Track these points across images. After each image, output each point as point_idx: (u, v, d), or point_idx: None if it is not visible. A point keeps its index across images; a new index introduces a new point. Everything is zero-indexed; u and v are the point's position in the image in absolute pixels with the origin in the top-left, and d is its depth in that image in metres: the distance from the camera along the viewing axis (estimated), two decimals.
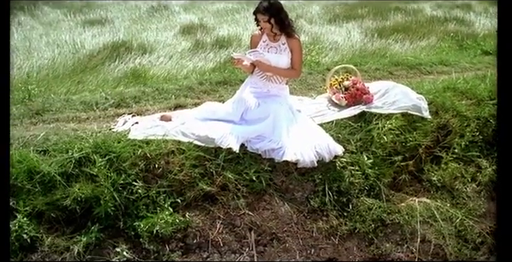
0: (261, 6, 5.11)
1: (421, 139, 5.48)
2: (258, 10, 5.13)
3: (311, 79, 6.59)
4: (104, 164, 4.63)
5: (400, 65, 7.34)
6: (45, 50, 10.95)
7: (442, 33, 11.20)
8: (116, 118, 5.40)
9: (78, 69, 9.78)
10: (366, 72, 6.94)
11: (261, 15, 5.12)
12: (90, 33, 12.34)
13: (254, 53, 5.12)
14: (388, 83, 5.80)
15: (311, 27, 12.60)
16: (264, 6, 5.10)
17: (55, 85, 8.89)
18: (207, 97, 5.95)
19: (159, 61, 10.25)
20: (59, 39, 11.77)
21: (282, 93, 5.38)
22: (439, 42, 10.51)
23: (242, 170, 4.90)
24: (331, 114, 5.44)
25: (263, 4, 5.11)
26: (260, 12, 5.12)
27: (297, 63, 5.28)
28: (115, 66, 9.82)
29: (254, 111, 5.15)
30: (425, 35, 11.24)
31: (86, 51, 10.75)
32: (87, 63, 10.00)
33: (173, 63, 10.11)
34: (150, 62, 10.16)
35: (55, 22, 13.61)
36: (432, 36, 11.10)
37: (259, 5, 5.15)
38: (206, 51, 10.64)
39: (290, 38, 5.24)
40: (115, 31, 12.49)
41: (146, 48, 10.73)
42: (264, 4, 5.11)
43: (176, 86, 6.17)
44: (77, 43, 11.36)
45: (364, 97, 5.50)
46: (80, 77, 9.35)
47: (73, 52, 10.76)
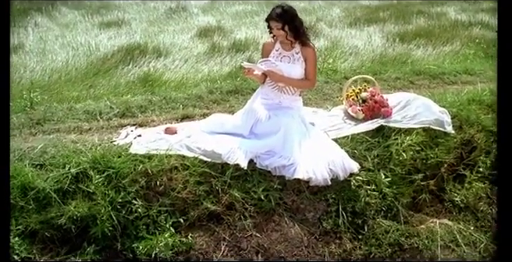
0: (275, 13, 4.75)
1: (444, 156, 5.06)
2: (271, 17, 4.77)
3: (327, 88, 6.19)
4: (102, 181, 4.31)
5: (422, 74, 6.91)
6: (59, 52, 10.72)
7: (466, 38, 10.71)
8: (119, 130, 5.08)
9: (91, 72, 9.52)
10: (386, 81, 6.52)
11: (274, 22, 4.76)
12: (106, 35, 12.09)
13: (265, 62, 4.76)
14: (408, 95, 5.39)
15: (331, 31, 12.20)
16: (277, 13, 4.73)
17: (66, 89, 8.66)
18: (216, 107, 5.59)
19: (174, 65, 9.96)
20: (74, 41, 11.54)
21: (295, 105, 5.01)
22: (463, 48, 10.02)
23: (250, 188, 4.55)
24: (347, 128, 5.04)
25: (276, 10, 4.75)
26: (273, 19, 4.76)
27: (312, 73, 4.91)
28: (128, 70, 9.55)
29: (264, 125, 4.79)
30: (449, 40, 10.77)
31: (100, 53, 10.49)
32: (100, 66, 9.73)
33: (188, 67, 9.82)
34: (164, 66, 9.87)
35: (71, 23, 13.38)
36: (456, 41, 10.62)
37: (272, 11, 4.79)
38: (222, 54, 10.31)
39: (305, 47, 4.87)
40: (131, 33, 12.23)
41: (161, 51, 10.44)
42: (277, 10, 4.74)
43: (185, 94, 5.82)
44: (92, 45, 11.11)
45: (383, 110, 5.09)
46: (93, 81, 9.11)
47: (88, 55, 10.51)
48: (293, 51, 4.89)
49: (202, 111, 5.49)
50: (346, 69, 8.75)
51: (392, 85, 6.43)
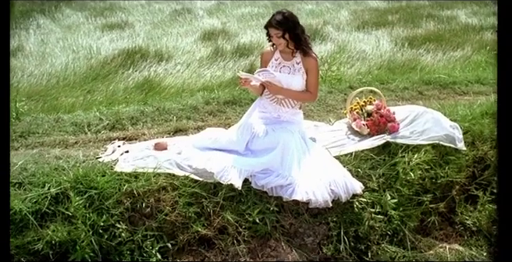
0: (274, 20, 4.36)
1: (455, 176, 4.65)
2: (271, 24, 4.38)
3: (330, 98, 5.79)
4: (84, 203, 3.93)
5: (432, 83, 6.48)
6: (59, 55, 10.39)
7: (477, 43, 10.28)
8: (106, 145, 4.69)
9: (90, 77, 9.20)
10: (393, 91, 6.11)
11: (274, 29, 4.37)
12: (108, 37, 11.77)
13: (263, 73, 4.36)
14: (417, 108, 4.97)
15: (338, 34, 11.81)
16: (277, 20, 4.35)
17: (64, 94, 8.34)
18: (212, 119, 5.21)
19: (176, 70, 9.62)
20: (76, 44, 11.21)
21: (295, 119, 4.61)
22: (474, 54, 9.58)
23: (244, 210, 4.16)
24: (350, 144, 4.64)
25: (276, 17, 4.36)
26: (273, 26, 4.37)
27: (313, 85, 4.52)
28: (128, 75, 9.22)
29: (261, 141, 4.40)
30: (459, 45, 10.35)
31: (101, 57, 10.17)
32: (99, 71, 9.40)
33: (190, 72, 9.48)
34: (166, 71, 9.54)
35: (74, 25, 13.06)
36: (467, 46, 10.19)
37: (272, 18, 4.40)
38: (225, 59, 9.95)
39: (306, 57, 4.48)
40: (134, 36, 11.90)
41: (163, 55, 10.09)
42: (277, 17, 4.36)
43: (180, 105, 5.44)
44: (93, 48, 10.79)
45: (389, 125, 4.69)
46: (91, 86, 8.79)
47: (88, 58, 10.19)
48: (294, 60, 4.51)
49: (196, 123, 5.10)
50: (352, 75, 8.37)
51: (400, 96, 6.01)
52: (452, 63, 9.39)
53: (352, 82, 6.31)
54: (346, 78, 7.52)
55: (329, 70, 6.71)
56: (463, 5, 14.66)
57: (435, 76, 6.66)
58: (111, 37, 11.72)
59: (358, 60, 9.96)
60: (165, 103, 5.48)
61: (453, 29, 11.75)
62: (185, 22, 13.29)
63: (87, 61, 9.96)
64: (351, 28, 12.24)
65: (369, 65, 9.08)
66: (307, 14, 14.03)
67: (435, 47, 10.28)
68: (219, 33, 11.56)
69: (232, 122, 5.00)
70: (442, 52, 10.06)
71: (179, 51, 10.57)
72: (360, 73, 8.71)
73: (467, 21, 12.64)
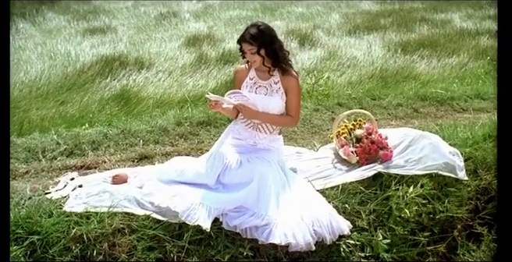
0: (248, 33, 3.75)
1: (455, 210, 4.04)
2: (244, 38, 3.78)
3: (316, 117, 5.16)
4: (24, 251, 3.29)
5: (428, 99, 5.86)
6: (36, 62, 9.74)
7: (474, 49, 9.69)
8: (60, 176, 4.05)
9: (65, 86, 8.57)
10: (385, 108, 5.50)
11: (247, 45, 3.77)
12: (89, 42, 11.14)
13: (235, 95, 3.74)
14: (412, 132, 4.35)
15: (329, 39, 11.22)
16: (252, 34, 3.74)
17: (35, 106, 7.72)
18: (183, 143, 4.59)
19: (157, 78, 9.02)
20: (54, 49, 10.57)
21: (274, 146, 4.00)
22: (470, 61, 8.98)
23: (214, 255, 3.54)
24: (337, 175, 4.02)
25: (251, 30, 3.75)
26: (246, 42, 3.77)
27: (294, 108, 3.91)
28: (105, 84, 8.61)
29: (234, 173, 3.78)
30: (455, 51, 9.77)
31: (79, 64, 9.54)
32: (75, 80, 8.77)
33: (172, 81, 8.88)
34: (146, 79, 8.93)
35: (55, 29, 12.42)
36: (463, 52, 9.62)
37: (245, 31, 3.79)
38: (209, 66, 9.33)
39: (286, 75, 3.88)
40: (116, 41, 11.27)
41: (144, 63, 9.45)
42: (251, 30, 3.75)
43: (148, 126, 4.81)
44: (72, 54, 10.16)
45: (381, 153, 4.07)
46: (65, 96, 8.18)
47: (65, 65, 9.55)
48: (272, 80, 3.90)
49: (165, 148, 4.48)
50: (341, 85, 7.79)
51: (394, 114, 5.40)
52: (447, 71, 8.82)
53: (341, 98, 5.68)
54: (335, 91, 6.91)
55: (316, 84, 6.06)
56: (457, 7, 14.07)
57: (431, 91, 6.03)
58: (91, 43, 11.09)
59: (349, 67, 9.38)
60: (131, 123, 4.84)
61: (448, 33, 11.15)
62: (170, 26, 12.66)
63: (64, 68, 9.33)
64: (342, 32, 11.64)
65: (360, 74, 8.48)
66: (296, 17, 13.42)
67: (429, 54, 9.70)
68: (204, 39, 10.94)
69: (205, 147, 4.39)
70: (436, 59, 9.48)
71: (161, 57, 9.95)
72: (350, 83, 8.13)
73: (462, 25, 12.04)
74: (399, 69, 8.65)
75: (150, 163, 4.27)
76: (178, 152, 4.37)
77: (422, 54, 9.65)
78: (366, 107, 5.43)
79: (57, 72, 9.09)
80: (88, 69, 9.05)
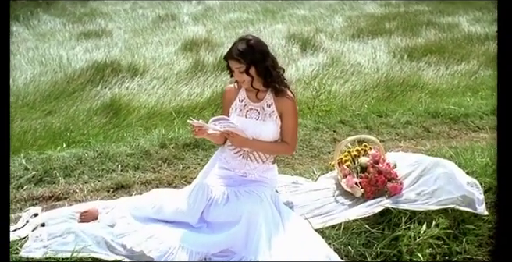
0: (236, 49, 3.21)
1: (474, 251, 3.47)
2: (231, 55, 3.22)
3: (316, 138, 4.60)
4: None
5: (440, 116, 5.28)
6: (26, 68, 9.18)
7: (484, 56, 9.09)
8: (24, 211, 3.49)
9: (53, 94, 8.02)
10: (394, 127, 4.93)
11: (235, 62, 3.23)
12: (82, 47, 10.57)
13: (220, 122, 3.18)
14: (424, 160, 3.78)
15: (332, 44, 10.63)
16: (240, 50, 3.20)
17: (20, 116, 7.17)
18: (166, 169, 4.04)
19: (151, 85, 8.45)
20: (46, 54, 10.01)
21: (267, 177, 3.45)
22: (481, 68, 8.39)
23: None
24: (339, 211, 3.47)
25: (239, 46, 3.21)
26: (233, 59, 3.22)
27: (290, 134, 3.36)
28: (96, 92, 8.05)
29: (219, 210, 3.24)
30: (464, 58, 9.18)
31: (70, 70, 8.94)
32: (64, 87, 8.20)
33: (166, 88, 8.32)
34: (139, 87, 8.38)
35: (49, 33, 11.87)
36: (473, 59, 9.03)
37: (232, 47, 3.25)
38: (206, 73, 8.76)
39: (280, 97, 3.32)
40: (111, 45, 10.71)
41: (138, 69, 8.87)
42: (240, 46, 3.21)
43: (128, 148, 4.26)
44: (64, 60, 9.60)
45: (389, 185, 3.49)
46: (52, 106, 7.64)
47: (56, 72, 8.97)
48: (264, 102, 3.36)
49: (145, 176, 3.92)
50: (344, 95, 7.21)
51: (402, 133, 4.82)
52: (456, 79, 8.24)
53: (343, 114, 5.10)
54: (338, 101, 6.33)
55: (317, 99, 5.48)
56: (464, 11, 13.45)
57: (443, 107, 5.43)
58: (85, 47, 10.53)
59: (353, 74, 8.79)
60: (110, 145, 4.27)
61: (456, 38, 10.55)
62: (168, 29, 12.10)
63: (54, 75, 8.77)
64: (345, 37, 11.06)
65: (364, 83, 7.90)
66: (299, 20, 12.83)
67: (436, 60, 9.11)
68: (202, 43, 10.35)
69: (190, 174, 3.84)
70: (444, 66, 8.89)
71: (156, 63, 9.39)
72: (354, 92, 7.55)
73: (470, 29, 11.44)
74: (405, 77, 8.06)
75: (127, 193, 3.71)
76: (159, 180, 3.81)
77: (429, 61, 9.07)
78: (372, 126, 4.87)
79: (46, 79, 8.55)
80: (79, 75, 8.50)
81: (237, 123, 3.28)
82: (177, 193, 3.45)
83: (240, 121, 3.33)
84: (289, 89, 3.39)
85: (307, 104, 5.38)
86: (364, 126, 4.88)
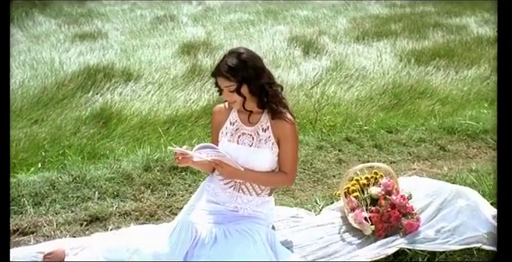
0: (225, 65, 2.68)
1: None
2: (219, 72, 2.70)
3: (320, 158, 4.08)
4: None
5: (456, 132, 4.73)
6: (15, 72, 8.65)
7: (495, 60, 8.50)
8: None
9: (42, 101, 7.50)
10: (406, 145, 4.40)
11: (224, 80, 2.71)
12: (76, 50, 10.06)
13: (206, 151, 2.65)
14: (443, 189, 3.26)
15: (335, 46, 10.08)
16: (229, 65, 2.67)
17: None
18: (149, 196, 3.53)
19: (146, 91, 7.97)
20: (38, 57, 9.49)
21: (262, 212, 2.94)
22: (493, 73, 7.85)
23: None
24: (346, 252, 2.96)
25: (228, 61, 2.69)
26: (222, 76, 2.69)
27: (289, 163, 2.85)
28: (87, 99, 7.54)
29: (206, 253, 2.75)
30: (474, 62, 8.62)
31: (61, 75, 8.43)
32: (54, 94, 7.67)
33: (161, 94, 7.83)
34: (133, 92, 7.89)
35: (44, 34, 11.33)
36: (484, 63, 8.47)
37: (221, 62, 2.72)
38: (203, 78, 8.23)
39: (278, 120, 2.79)
40: (106, 48, 10.19)
41: (132, 73, 8.35)
42: (229, 61, 2.69)
43: (108, 171, 3.75)
44: (56, 63, 9.09)
45: (405, 223, 2.96)
46: (40, 114, 7.13)
47: (47, 76, 8.45)
48: (259, 125, 2.83)
49: (125, 205, 3.42)
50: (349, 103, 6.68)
51: (415, 153, 4.29)
52: (467, 85, 7.69)
53: (349, 131, 4.56)
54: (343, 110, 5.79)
55: (319, 112, 4.93)
56: (472, 11, 12.85)
57: (459, 122, 4.88)
58: (80, 50, 10.02)
59: (357, 79, 8.26)
60: (88, 167, 3.74)
61: (465, 41, 9.98)
62: (166, 31, 11.56)
63: (45, 80, 8.25)
64: (350, 39, 10.51)
65: (370, 89, 7.37)
66: (301, 21, 12.27)
67: (446, 64, 8.57)
68: (201, 46, 9.83)
69: (175, 202, 3.33)
70: (454, 70, 8.36)
71: (152, 67, 8.87)
72: (359, 99, 7.02)
73: (479, 31, 10.86)
74: (413, 83, 7.53)
75: (102, 227, 3.20)
76: (140, 211, 3.30)
77: (438, 65, 8.53)
78: (381, 145, 4.34)
79: (36, 85, 8.04)
80: (70, 80, 7.99)
81: (228, 150, 2.76)
82: (157, 231, 2.93)
83: (231, 147, 2.81)
84: (289, 110, 2.86)
85: (308, 118, 4.85)
86: (373, 144, 4.36)
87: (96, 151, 5.45)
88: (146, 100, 7.57)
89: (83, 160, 4.29)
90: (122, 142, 6.00)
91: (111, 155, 4.28)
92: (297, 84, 8.10)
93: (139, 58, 9.40)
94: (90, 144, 5.82)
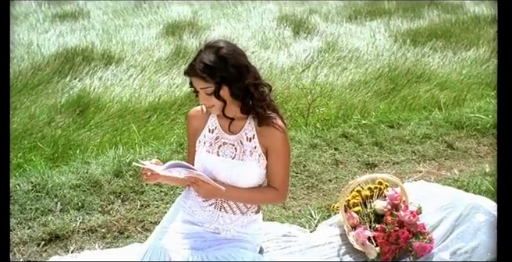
0: (201, 63, 2.13)
1: None
2: (193, 71, 2.16)
3: (314, 159, 3.58)
4: None
5: (464, 126, 4.22)
6: None
7: (495, 41, 8.00)
8: None
9: (16, 88, 6.92)
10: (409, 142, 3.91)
11: (200, 81, 2.17)
12: (56, 31, 9.44)
13: (177, 170, 2.14)
14: (457, 201, 2.76)
15: (327, 26, 9.52)
16: (206, 63, 2.13)
17: None
18: (119, 207, 3.02)
19: (127, 75, 7.42)
20: (15, 40, 8.88)
21: (248, 232, 2.47)
22: (493, 55, 7.36)
23: None
24: None
25: (204, 58, 2.15)
26: (197, 76, 2.15)
27: (280, 177, 2.36)
28: (64, 85, 6.99)
29: None
30: (472, 43, 8.13)
31: (38, 58, 7.84)
32: (29, 79, 7.10)
33: (144, 78, 7.29)
34: (114, 77, 7.33)
35: (23, 15, 10.65)
36: (483, 44, 7.96)
37: (196, 58, 2.18)
38: (188, 61, 7.57)
39: (266, 127, 2.27)
40: (87, 28, 9.57)
41: (113, 56, 7.77)
42: (206, 57, 2.15)
43: (74, 177, 3.21)
44: (34, 46, 8.48)
45: (416, 245, 2.47)
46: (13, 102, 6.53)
47: (23, 59, 7.86)
48: (243, 134, 2.31)
49: (91, 219, 2.90)
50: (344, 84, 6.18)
51: (420, 152, 3.79)
52: (466, 68, 7.19)
53: (346, 126, 4.05)
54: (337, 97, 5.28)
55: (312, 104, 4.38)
56: None
57: (467, 116, 4.36)
58: (59, 30, 9.41)
59: (351, 61, 7.76)
60: (50, 173, 3.22)
61: (462, 20, 9.45)
62: (151, 9, 10.92)
63: (21, 63, 7.66)
64: (342, 18, 9.95)
65: (365, 72, 6.87)
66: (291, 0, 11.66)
67: (443, 45, 8.08)
68: (186, 26, 9.23)
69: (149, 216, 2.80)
70: (452, 52, 7.87)
71: (135, 49, 8.31)
72: (353, 85, 6.51)
73: (476, 10, 10.32)
74: (410, 66, 7.04)
75: (62, 248, 2.69)
76: (108, 226, 2.80)
77: (435, 47, 8.03)
78: (382, 142, 3.85)
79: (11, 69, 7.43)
80: (46, 65, 7.40)
81: (206, 163, 2.26)
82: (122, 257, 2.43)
83: (210, 159, 2.31)
84: (279, 114, 2.34)
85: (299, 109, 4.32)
86: (373, 142, 3.86)
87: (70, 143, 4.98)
88: (127, 85, 7.05)
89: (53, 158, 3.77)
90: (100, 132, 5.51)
91: (86, 148, 3.75)
92: (288, 67, 7.60)
93: (121, 39, 8.83)
94: (64, 135, 5.32)
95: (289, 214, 2.98)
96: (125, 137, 5.00)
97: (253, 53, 8.22)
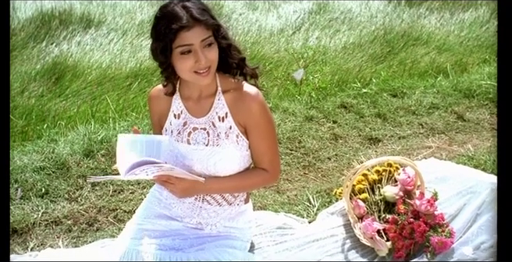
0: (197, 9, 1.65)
1: None
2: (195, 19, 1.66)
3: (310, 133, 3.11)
4: None
5: (475, 95, 3.77)
6: None
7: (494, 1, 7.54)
8: None
9: None
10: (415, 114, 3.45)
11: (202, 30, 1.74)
12: None
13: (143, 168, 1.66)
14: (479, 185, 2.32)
15: None
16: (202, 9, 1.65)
17: None
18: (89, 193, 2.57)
19: (108, 39, 6.89)
20: None
21: (236, 226, 2.06)
22: (493, 16, 6.90)
23: None
24: None
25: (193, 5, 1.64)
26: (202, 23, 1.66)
27: (267, 155, 1.95)
28: (39, 50, 6.41)
29: None
30: (470, 3, 7.61)
31: (16, 21, 7.26)
32: None
33: (124, 43, 6.77)
34: (94, 41, 6.81)
35: None
36: (481, 5, 7.47)
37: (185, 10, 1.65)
38: None
39: (239, 99, 1.82)
40: None
41: (92, 19, 7.21)
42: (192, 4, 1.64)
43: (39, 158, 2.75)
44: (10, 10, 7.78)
45: (435, 240, 2.06)
46: None
47: None
48: (213, 113, 1.82)
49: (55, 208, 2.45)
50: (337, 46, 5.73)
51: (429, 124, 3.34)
52: (465, 30, 6.74)
53: (345, 95, 3.59)
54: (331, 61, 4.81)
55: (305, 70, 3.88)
56: None
57: (477, 83, 3.90)
58: None
59: (343, 23, 7.29)
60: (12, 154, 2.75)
61: None
62: None
63: None
64: None
65: (359, 34, 6.41)
66: None
67: (439, 6, 7.58)
68: None
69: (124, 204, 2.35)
70: (449, 13, 7.37)
71: (116, 11, 7.72)
72: (347, 48, 6.06)
73: None
74: (406, 28, 6.57)
75: (21, 245, 2.25)
76: (75, 217, 2.35)
77: (431, 7, 7.53)
78: (385, 113, 3.40)
79: None
80: (21, 29, 6.83)
81: (177, 154, 1.81)
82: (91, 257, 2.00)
83: (181, 150, 1.85)
84: (255, 76, 1.89)
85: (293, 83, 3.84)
86: (375, 113, 3.41)
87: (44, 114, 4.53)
88: (107, 50, 6.56)
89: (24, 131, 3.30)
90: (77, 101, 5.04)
91: (59, 119, 3.28)
92: (277, 29, 7.10)
93: (101, 2, 8.20)
94: (37, 106, 4.84)
95: (283, 199, 2.55)
96: (103, 107, 4.53)
97: (240, 15, 7.69)
